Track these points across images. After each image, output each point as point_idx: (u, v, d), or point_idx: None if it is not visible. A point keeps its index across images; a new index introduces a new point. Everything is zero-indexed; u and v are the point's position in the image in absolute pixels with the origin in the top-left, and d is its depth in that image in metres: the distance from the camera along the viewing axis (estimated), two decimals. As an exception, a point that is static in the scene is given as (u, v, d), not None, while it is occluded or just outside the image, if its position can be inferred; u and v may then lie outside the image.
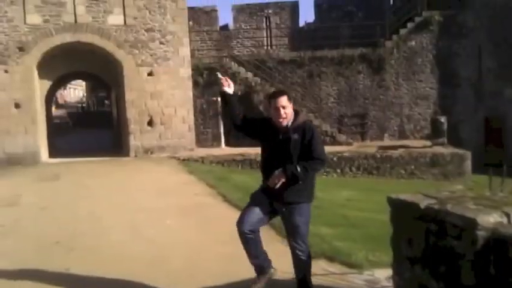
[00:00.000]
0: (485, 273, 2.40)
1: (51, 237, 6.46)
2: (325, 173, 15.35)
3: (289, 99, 3.72)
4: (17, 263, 5.31)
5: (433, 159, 15.45)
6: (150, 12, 15.92)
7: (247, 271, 4.06)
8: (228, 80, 3.90)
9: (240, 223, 3.73)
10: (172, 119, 16.33)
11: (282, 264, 4.41)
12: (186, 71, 16.52)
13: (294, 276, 4.02)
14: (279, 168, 3.61)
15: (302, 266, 3.79)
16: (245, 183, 10.47)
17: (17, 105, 15.02)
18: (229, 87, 3.86)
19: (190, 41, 17.74)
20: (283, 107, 3.65)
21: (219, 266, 4.92)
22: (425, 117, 19.01)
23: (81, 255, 5.63)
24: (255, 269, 3.87)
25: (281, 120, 3.67)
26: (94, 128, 29.82)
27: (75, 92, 59.58)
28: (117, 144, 18.62)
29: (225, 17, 75.81)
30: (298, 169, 3.58)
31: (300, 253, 3.74)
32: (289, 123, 3.70)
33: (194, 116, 17.12)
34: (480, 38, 18.49)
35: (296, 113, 3.77)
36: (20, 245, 6.15)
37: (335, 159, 15.64)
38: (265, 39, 22.75)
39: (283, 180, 3.58)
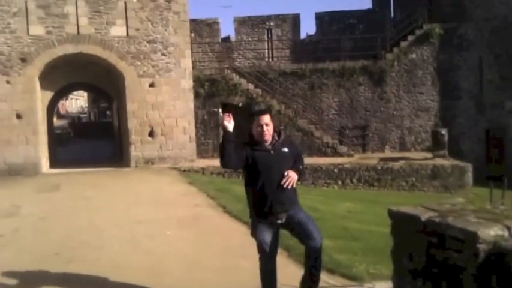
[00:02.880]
0: (487, 286, 2.38)
1: (50, 248, 6.43)
2: (325, 185, 15.34)
3: (271, 118, 3.91)
4: (16, 274, 5.28)
5: (434, 172, 15.43)
6: (152, 24, 16.02)
7: (245, 283, 4.03)
8: (230, 116, 3.86)
9: (264, 253, 3.81)
10: (174, 129, 16.35)
11: (283, 276, 4.39)
12: (188, 83, 16.58)
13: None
14: (281, 177, 3.77)
15: (318, 263, 3.81)
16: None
17: (18, 116, 15.05)
18: (229, 123, 3.80)
19: (192, 52, 17.82)
20: (267, 125, 3.82)
21: (217, 277, 4.89)
22: (426, 130, 19.01)
23: (80, 266, 5.59)
24: None
25: (264, 136, 3.82)
26: (95, 138, 29.86)
27: (77, 102, 59.84)
28: (118, 155, 18.62)
29: (227, 29, 76.90)
30: (301, 167, 3.93)
31: (316, 244, 3.73)
32: (276, 139, 3.89)
33: (195, 127, 17.13)
34: (481, 50, 18.56)
35: (277, 130, 3.97)
36: (19, 256, 6.12)
37: (336, 170, 15.64)
38: (266, 51, 22.85)
39: (296, 177, 3.78)
